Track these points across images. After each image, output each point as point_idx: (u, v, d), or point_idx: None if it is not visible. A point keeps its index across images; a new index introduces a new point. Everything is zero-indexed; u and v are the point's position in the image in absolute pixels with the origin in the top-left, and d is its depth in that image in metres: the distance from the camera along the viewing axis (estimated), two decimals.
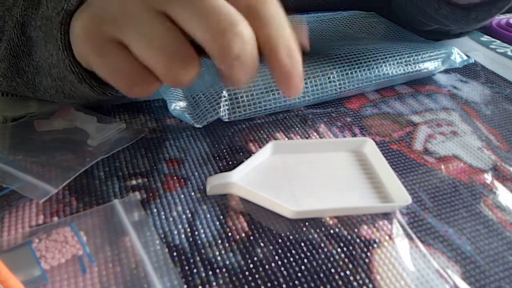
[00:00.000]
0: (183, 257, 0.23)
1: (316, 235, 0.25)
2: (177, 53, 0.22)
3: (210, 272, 0.23)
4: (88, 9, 0.23)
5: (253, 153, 0.30)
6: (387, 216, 0.27)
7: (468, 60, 0.43)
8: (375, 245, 0.25)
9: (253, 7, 0.22)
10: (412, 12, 0.48)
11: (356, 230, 0.26)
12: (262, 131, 0.33)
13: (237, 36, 0.21)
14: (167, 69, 0.22)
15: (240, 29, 0.21)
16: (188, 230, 0.25)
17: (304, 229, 0.26)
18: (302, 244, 0.25)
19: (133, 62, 0.22)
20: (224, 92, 0.32)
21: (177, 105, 0.32)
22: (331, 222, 0.26)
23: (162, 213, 0.26)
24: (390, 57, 0.39)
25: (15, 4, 0.28)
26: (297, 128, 0.34)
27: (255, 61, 0.22)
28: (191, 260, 0.23)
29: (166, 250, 0.24)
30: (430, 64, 0.41)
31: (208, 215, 0.26)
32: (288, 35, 0.23)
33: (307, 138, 0.33)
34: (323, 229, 0.26)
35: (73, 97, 0.29)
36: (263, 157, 0.30)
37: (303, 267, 0.24)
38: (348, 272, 0.24)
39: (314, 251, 0.24)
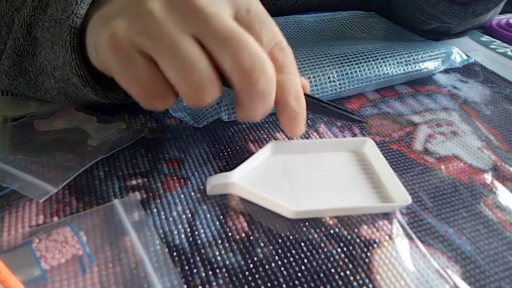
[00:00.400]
0: (183, 257, 0.23)
1: (316, 235, 0.25)
2: (205, 78, 0.23)
3: (210, 272, 0.23)
4: (122, 16, 0.23)
5: (253, 153, 0.30)
6: (387, 216, 0.27)
7: (468, 60, 0.43)
8: (375, 245, 0.25)
9: (274, 52, 0.25)
10: (411, 10, 0.48)
11: (356, 230, 0.26)
12: (262, 131, 0.33)
13: (264, 73, 0.23)
14: (192, 91, 0.23)
15: (267, 67, 0.23)
16: (188, 230, 0.25)
17: (304, 229, 0.26)
18: (302, 244, 0.25)
19: (157, 75, 0.23)
20: (224, 92, 0.32)
21: (177, 105, 0.32)
22: (331, 222, 0.26)
23: (162, 213, 0.26)
24: (390, 57, 0.39)
25: (23, 5, 0.28)
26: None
27: (272, 100, 0.25)
28: (191, 260, 0.23)
29: (166, 250, 0.24)
30: (430, 63, 0.41)
31: (208, 215, 0.26)
32: (297, 81, 0.26)
33: (307, 138, 0.33)
34: (323, 229, 0.26)
35: (74, 99, 0.30)
36: (263, 157, 0.30)
37: (303, 267, 0.24)
38: (348, 272, 0.24)
39: (314, 251, 0.24)
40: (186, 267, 0.23)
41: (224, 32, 0.22)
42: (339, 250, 0.25)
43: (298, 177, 0.29)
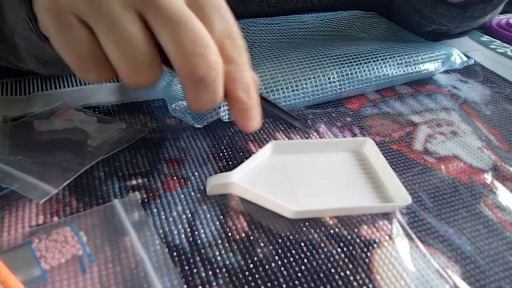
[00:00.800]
0: (183, 257, 0.23)
1: (316, 235, 0.25)
2: (143, 57, 0.22)
3: (210, 272, 0.23)
4: None
5: (253, 153, 0.30)
6: (387, 216, 0.27)
7: (468, 61, 0.43)
8: (375, 245, 0.25)
9: (224, 41, 0.24)
10: (410, 13, 0.48)
11: (356, 230, 0.26)
12: (262, 131, 0.33)
13: (205, 58, 0.21)
14: (128, 69, 0.22)
15: (210, 53, 0.22)
16: (188, 230, 0.25)
17: (304, 229, 0.26)
18: (302, 244, 0.25)
19: (94, 46, 0.22)
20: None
21: (177, 105, 0.32)
22: (331, 222, 0.26)
23: (162, 213, 0.26)
24: (390, 58, 0.39)
25: None
26: (297, 128, 0.34)
27: (219, 90, 0.23)
28: (191, 260, 0.23)
29: (166, 250, 0.24)
30: (430, 65, 0.41)
31: (208, 215, 0.26)
32: (247, 73, 0.25)
33: (307, 138, 0.33)
34: (323, 229, 0.26)
35: (47, 63, 0.29)
36: (263, 157, 0.30)
37: (303, 267, 0.24)
38: (348, 272, 0.24)
39: (314, 251, 0.24)
40: (186, 267, 0.23)
41: (170, 11, 0.21)
42: (339, 250, 0.25)
43: (298, 177, 0.29)
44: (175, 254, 0.24)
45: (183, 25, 0.21)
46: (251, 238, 0.25)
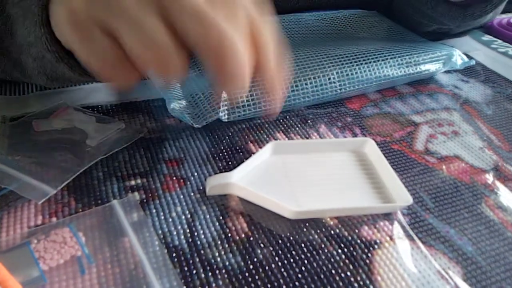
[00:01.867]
0: (182, 258, 0.23)
1: (316, 236, 0.25)
2: (167, 49, 0.22)
3: (210, 273, 0.23)
4: None
5: (253, 153, 0.30)
6: (388, 216, 0.27)
7: (469, 62, 0.43)
8: (376, 246, 0.25)
9: (250, 27, 0.24)
10: (410, 13, 0.48)
11: (356, 230, 0.26)
12: (262, 131, 0.33)
13: (233, 53, 0.22)
14: (158, 64, 0.22)
15: (237, 47, 0.22)
16: (188, 231, 0.25)
17: (305, 229, 0.26)
18: (303, 245, 0.25)
19: (117, 51, 0.22)
20: (223, 92, 0.32)
21: (177, 105, 0.32)
22: (331, 223, 0.26)
23: (161, 213, 0.26)
24: (391, 58, 0.39)
25: None
26: (297, 128, 0.34)
27: (248, 70, 0.23)
28: (191, 261, 0.23)
29: (166, 251, 0.24)
30: (431, 65, 0.41)
31: (208, 216, 0.26)
32: (272, 57, 0.25)
33: (307, 138, 0.33)
34: (323, 229, 0.26)
35: (56, 80, 0.29)
36: (263, 157, 0.30)
37: (303, 268, 0.23)
38: (348, 273, 0.23)
39: (314, 252, 0.24)
40: (186, 268, 0.23)
41: (192, 8, 0.21)
42: (339, 251, 0.25)
43: (298, 177, 0.29)
44: (174, 255, 0.23)
45: (208, 22, 0.21)
46: (251, 239, 0.25)
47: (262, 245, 0.24)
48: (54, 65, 0.27)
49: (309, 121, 0.35)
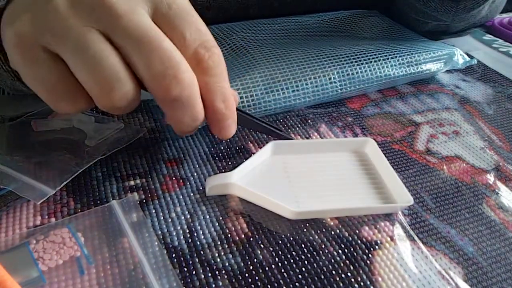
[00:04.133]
0: (182, 259, 0.23)
1: (317, 236, 0.25)
2: (114, 75, 0.21)
3: (209, 274, 0.23)
4: (27, 14, 0.21)
5: (253, 153, 0.30)
6: (388, 217, 0.27)
7: (470, 61, 0.43)
8: (376, 247, 0.25)
9: (199, 52, 0.23)
10: (406, 11, 0.48)
11: (357, 231, 0.26)
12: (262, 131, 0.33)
13: (176, 79, 0.21)
14: (100, 89, 0.21)
15: (181, 72, 0.21)
16: (187, 231, 0.25)
17: (305, 230, 0.25)
18: (303, 245, 0.25)
19: (64, 75, 0.22)
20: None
21: None
22: (332, 223, 0.26)
23: (161, 214, 0.26)
24: (391, 57, 0.39)
25: None
26: (297, 128, 0.34)
27: (197, 107, 0.23)
28: (190, 262, 0.23)
29: (165, 251, 0.23)
30: (432, 65, 0.40)
31: (207, 216, 0.26)
32: (225, 84, 0.24)
33: (307, 138, 0.33)
34: (324, 230, 0.26)
35: (21, 91, 0.28)
36: (263, 157, 0.30)
37: (303, 269, 0.23)
38: (349, 274, 0.23)
39: (315, 253, 0.24)
40: (185, 269, 0.23)
41: (135, 31, 0.21)
42: (340, 251, 0.24)
43: (299, 177, 0.29)
44: (174, 255, 0.23)
45: (151, 46, 0.21)
46: (251, 239, 0.25)
47: (262, 245, 0.24)
48: (12, 83, 0.26)
49: (309, 120, 0.35)
